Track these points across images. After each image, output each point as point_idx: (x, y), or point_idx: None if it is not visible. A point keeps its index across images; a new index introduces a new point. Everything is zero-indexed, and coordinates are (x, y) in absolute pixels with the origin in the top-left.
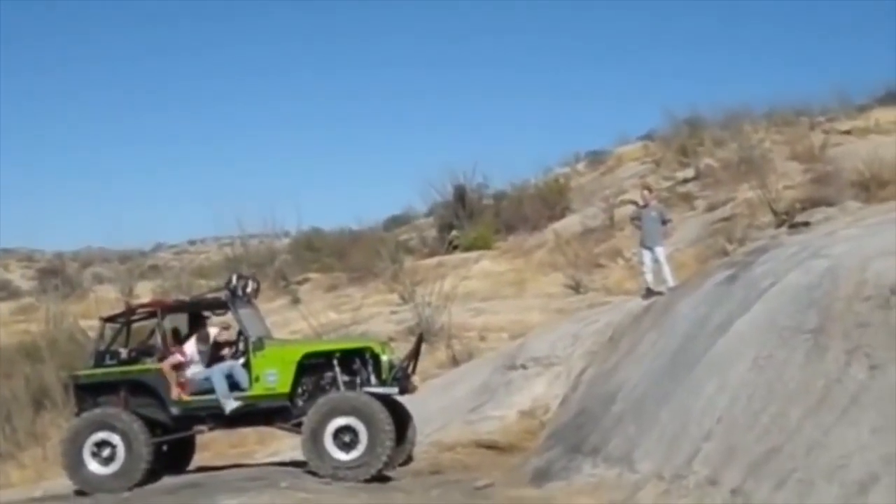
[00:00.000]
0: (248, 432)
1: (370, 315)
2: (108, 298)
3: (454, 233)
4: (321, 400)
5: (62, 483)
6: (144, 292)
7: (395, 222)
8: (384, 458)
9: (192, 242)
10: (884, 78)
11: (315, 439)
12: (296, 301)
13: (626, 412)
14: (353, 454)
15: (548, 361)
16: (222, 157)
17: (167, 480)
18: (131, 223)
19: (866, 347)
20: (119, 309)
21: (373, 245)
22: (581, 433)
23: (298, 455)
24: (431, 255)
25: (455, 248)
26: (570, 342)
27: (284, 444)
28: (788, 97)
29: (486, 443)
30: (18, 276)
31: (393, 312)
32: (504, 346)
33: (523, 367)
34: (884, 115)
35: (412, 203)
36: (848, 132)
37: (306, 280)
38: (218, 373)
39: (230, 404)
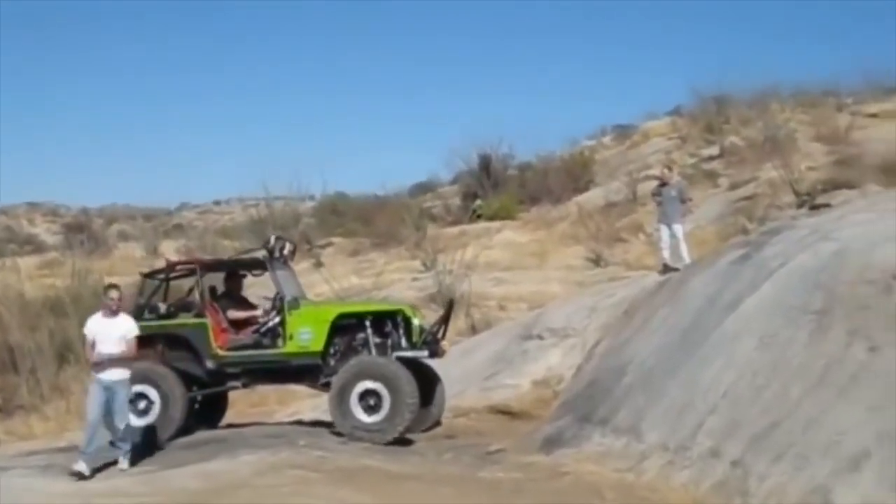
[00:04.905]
0: (269, 392)
1: (391, 281)
2: (133, 256)
3: (478, 202)
4: (353, 361)
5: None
6: (168, 251)
7: (420, 189)
8: (401, 428)
9: (216, 203)
10: None
11: (341, 398)
12: (319, 264)
13: (636, 384)
14: (375, 418)
15: (564, 333)
16: (249, 118)
17: (191, 436)
18: (157, 181)
19: (867, 329)
20: (148, 267)
21: (397, 211)
22: (592, 403)
23: (318, 415)
24: (455, 223)
25: (479, 217)
26: (586, 314)
27: (304, 405)
28: (817, 77)
29: (500, 409)
30: (44, 231)
31: (414, 279)
32: (522, 316)
33: (539, 337)
34: None
35: (437, 171)
36: (874, 115)
37: (329, 244)
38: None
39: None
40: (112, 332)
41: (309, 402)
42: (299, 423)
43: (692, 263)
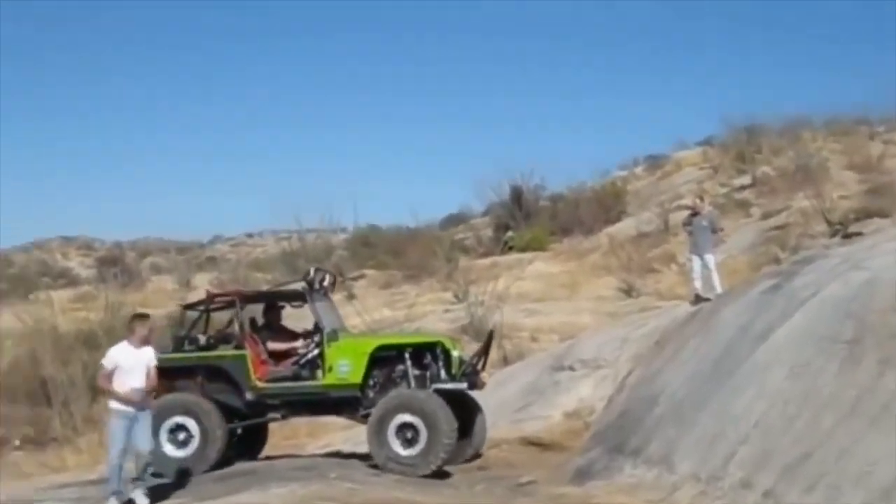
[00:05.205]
0: (301, 425)
1: (423, 313)
2: (166, 289)
3: (510, 233)
4: (392, 394)
5: None
6: (201, 283)
7: (452, 221)
8: (436, 464)
9: (249, 235)
10: None
11: (379, 430)
12: (351, 297)
13: (668, 415)
14: (411, 451)
15: (595, 364)
16: (282, 150)
17: (224, 469)
18: (190, 214)
19: None
20: (180, 299)
21: (428, 243)
22: (623, 434)
23: (349, 447)
24: (486, 254)
25: (510, 248)
26: (617, 345)
27: (336, 438)
28: (848, 106)
29: (532, 441)
30: (78, 264)
31: (446, 311)
32: (554, 348)
33: (571, 368)
34: None
35: (469, 202)
36: None
37: (362, 276)
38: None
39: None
40: (140, 364)
41: (341, 435)
42: (336, 454)
43: (723, 293)
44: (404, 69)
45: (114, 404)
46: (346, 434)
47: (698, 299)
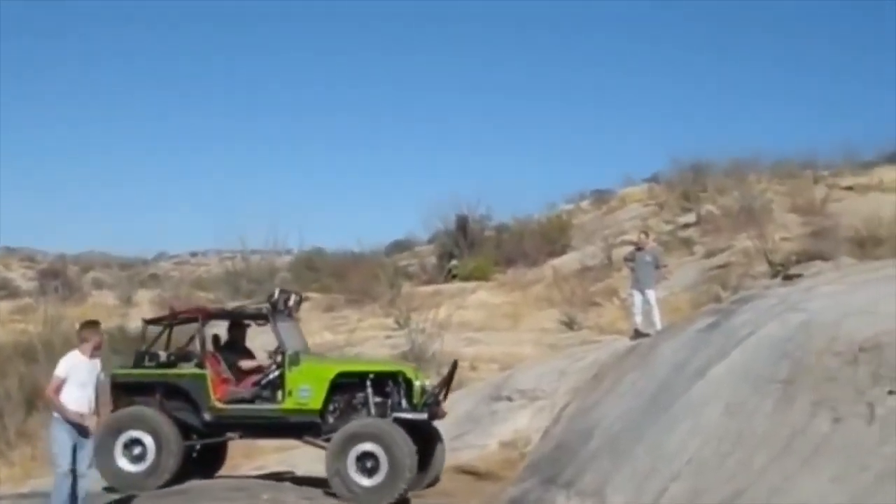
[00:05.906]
0: (236, 446)
1: (365, 338)
2: (107, 304)
3: (454, 262)
4: (352, 423)
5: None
6: (143, 300)
7: (397, 247)
8: (396, 494)
9: (193, 254)
10: (893, 135)
11: (338, 459)
12: None
13: (603, 448)
14: (371, 481)
15: (533, 395)
16: (229, 170)
17: (162, 489)
18: (135, 230)
19: (831, 401)
20: (120, 316)
21: (372, 269)
22: (558, 465)
23: (282, 469)
24: (429, 282)
25: (454, 277)
26: (555, 377)
27: (270, 460)
28: (795, 149)
29: (467, 470)
30: (19, 276)
31: (387, 337)
32: (492, 377)
33: (508, 398)
34: (888, 173)
35: (414, 229)
36: (850, 188)
37: (305, 299)
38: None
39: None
40: (92, 377)
41: (275, 457)
42: (265, 476)
43: (663, 329)
44: (354, 93)
45: (66, 415)
46: (281, 456)
47: (638, 334)
